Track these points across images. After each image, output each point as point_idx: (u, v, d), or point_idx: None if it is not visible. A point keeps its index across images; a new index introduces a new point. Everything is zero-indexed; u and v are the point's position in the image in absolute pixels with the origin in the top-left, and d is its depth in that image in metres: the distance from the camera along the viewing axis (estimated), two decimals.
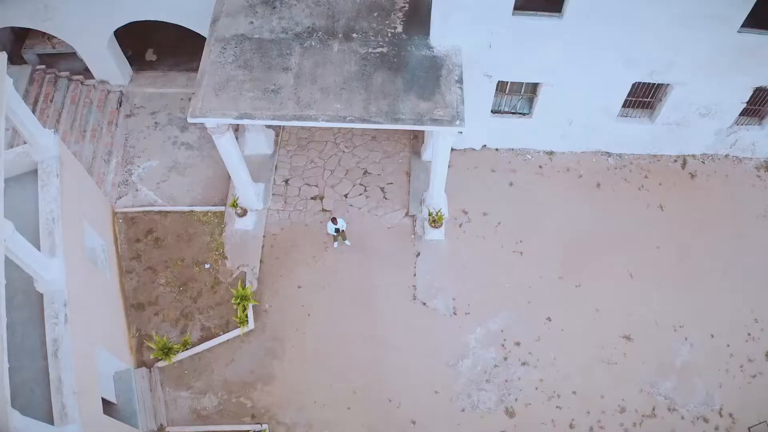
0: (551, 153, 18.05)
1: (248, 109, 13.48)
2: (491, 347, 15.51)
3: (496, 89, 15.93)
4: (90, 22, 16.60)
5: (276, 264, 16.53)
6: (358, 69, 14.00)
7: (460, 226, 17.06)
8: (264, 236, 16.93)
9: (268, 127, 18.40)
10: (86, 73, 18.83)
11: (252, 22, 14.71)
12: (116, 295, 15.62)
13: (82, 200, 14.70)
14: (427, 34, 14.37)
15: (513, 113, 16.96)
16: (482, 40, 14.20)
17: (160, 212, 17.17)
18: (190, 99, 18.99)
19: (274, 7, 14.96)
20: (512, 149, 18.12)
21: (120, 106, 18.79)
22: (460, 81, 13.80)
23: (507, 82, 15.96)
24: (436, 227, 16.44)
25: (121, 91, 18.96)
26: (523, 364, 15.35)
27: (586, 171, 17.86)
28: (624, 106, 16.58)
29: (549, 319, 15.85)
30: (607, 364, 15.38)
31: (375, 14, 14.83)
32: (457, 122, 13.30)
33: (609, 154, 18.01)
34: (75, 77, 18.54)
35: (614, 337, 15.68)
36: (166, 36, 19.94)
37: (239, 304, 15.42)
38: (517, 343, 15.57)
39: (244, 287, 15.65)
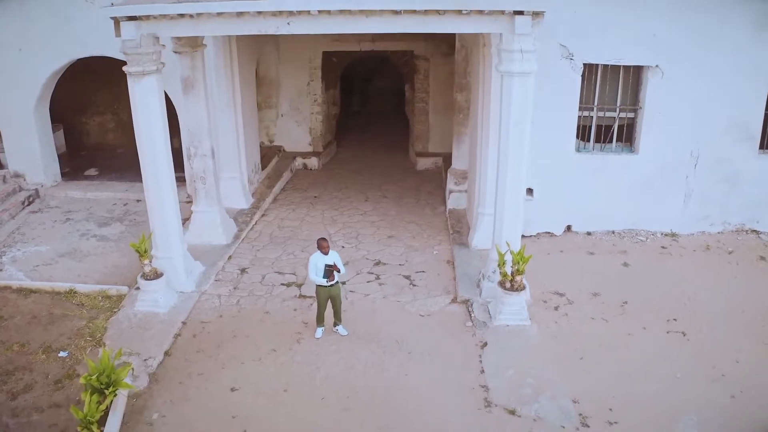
0: (674, 235, 11.37)
1: None
2: None
3: (581, 99, 10.61)
4: (22, 58, 12.42)
5: (196, 359, 8.35)
6: None
7: (557, 308, 9.36)
8: (184, 323, 9.12)
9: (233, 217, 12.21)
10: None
11: None
12: None
13: None
14: None
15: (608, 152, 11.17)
16: None
17: (19, 289, 9.74)
18: (125, 204, 13.41)
19: None
20: (612, 231, 11.50)
21: (28, 204, 12.98)
22: None
23: (594, 86, 10.73)
24: (515, 290, 8.82)
25: (36, 190, 13.33)
26: None
27: (736, 248, 10.96)
28: (763, 144, 10.97)
29: None
30: None
31: None
32: None
33: (758, 233, 11.34)
34: None
35: None
36: (115, 158, 15.45)
37: (92, 393, 6.80)
38: None
39: (112, 365, 7.17)
